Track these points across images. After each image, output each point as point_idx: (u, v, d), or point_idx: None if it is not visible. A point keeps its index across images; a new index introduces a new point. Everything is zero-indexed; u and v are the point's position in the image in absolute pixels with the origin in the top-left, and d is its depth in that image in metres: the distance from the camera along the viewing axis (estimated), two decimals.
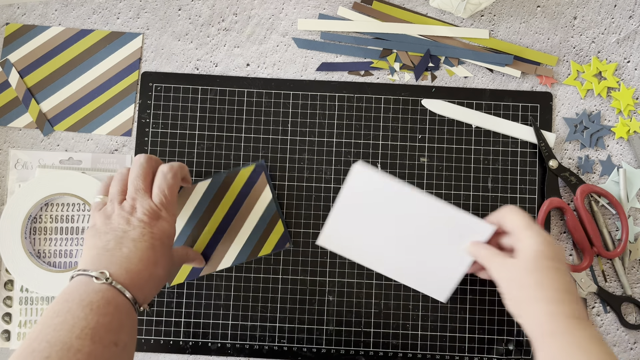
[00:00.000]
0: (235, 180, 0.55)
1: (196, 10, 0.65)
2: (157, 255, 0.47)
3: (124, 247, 0.46)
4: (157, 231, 0.48)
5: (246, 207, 0.57)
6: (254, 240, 0.59)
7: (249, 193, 0.56)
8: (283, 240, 0.59)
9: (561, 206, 0.59)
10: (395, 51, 0.64)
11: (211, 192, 0.54)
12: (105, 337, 0.41)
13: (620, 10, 0.64)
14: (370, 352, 0.59)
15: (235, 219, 0.57)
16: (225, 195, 0.55)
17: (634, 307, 0.60)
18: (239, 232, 0.58)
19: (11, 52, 0.64)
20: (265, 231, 0.59)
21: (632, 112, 0.62)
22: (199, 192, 0.54)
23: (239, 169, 0.54)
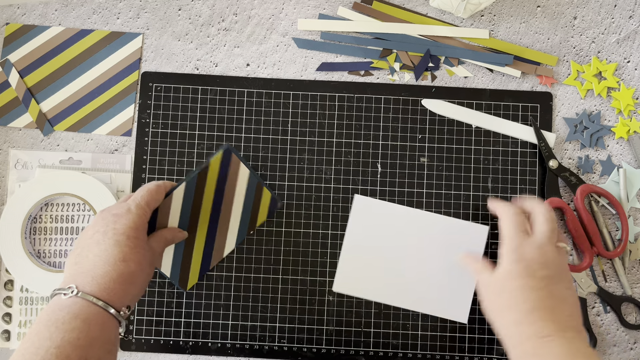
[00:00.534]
0: (209, 173, 0.54)
1: (196, 10, 0.65)
2: (124, 251, 0.46)
3: (90, 253, 0.45)
4: (120, 226, 0.46)
5: (229, 191, 0.57)
6: (247, 216, 0.59)
7: (227, 178, 0.56)
8: (273, 203, 0.60)
9: (561, 206, 0.59)
10: (395, 51, 0.64)
11: (190, 194, 0.54)
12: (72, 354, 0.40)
13: (620, 10, 0.64)
14: (370, 352, 0.59)
15: (223, 207, 0.57)
16: (205, 191, 0.55)
17: (634, 307, 0.60)
18: (231, 216, 0.58)
19: (11, 52, 0.64)
20: (254, 202, 0.59)
21: (632, 112, 0.62)
22: (178, 199, 0.53)
23: (209, 162, 0.54)
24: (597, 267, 0.60)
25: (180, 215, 0.55)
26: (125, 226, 0.47)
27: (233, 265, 0.60)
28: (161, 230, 0.53)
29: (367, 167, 0.61)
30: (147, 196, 0.49)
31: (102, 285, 0.44)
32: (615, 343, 0.59)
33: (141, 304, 0.60)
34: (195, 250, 0.58)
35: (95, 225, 0.47)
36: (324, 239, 0.60)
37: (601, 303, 0.60)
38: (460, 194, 0.61)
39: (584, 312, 0.59)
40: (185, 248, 0.57)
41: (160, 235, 0.53)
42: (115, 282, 0.44)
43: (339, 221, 0.61)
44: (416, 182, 0.61)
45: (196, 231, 0.57)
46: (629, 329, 0.59)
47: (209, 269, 0.60)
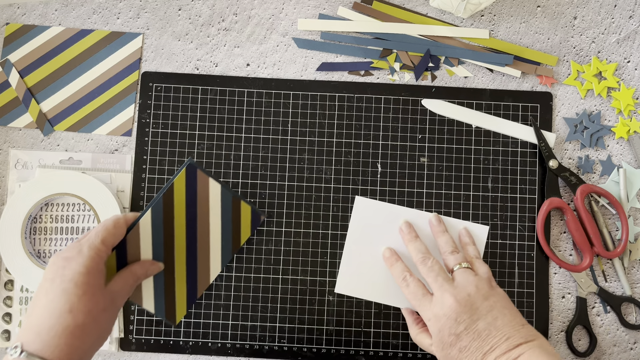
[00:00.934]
0: (174, 194, 0.51)
1: (196, 10, 0.65)
2: (71, 301, 0.42)
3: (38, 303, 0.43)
4: (68, 272, 0.43)
5: (202, 211, 0.54)
6: (228, 235, 0.57)
7: (196, 197, 0.53)
8: (255, 217, 0.58)
9: (561, 206, 0.59)
10: (395, 51, 0.64)
11: (158, 220, 0.51)
12: None
13: (620, 10, 0.64)
14: (370, 352, 0.59)
15: (199, 228, 0.55)
16: (174, 214, 0.52)
17: (634, 307, 0.60)
18: (210, 237, 0.56)
19: (11, 52, 0.64)
20: (234, 219, 0.56)
21: (632, 112, 0.62)
22: (146, 228, 0.51)
23: (172, 182, 0.51)
24: (597, 267, 0.60)
25: (152, 245, 0.52)
26: (74, 272, 0.43)
27: (233, 265, 0.60)
28: (129, 267, 0.50)
29: (367, 167, 0.61)
30: (103, 233, 0.47)
31: (47, 342, 0.40)
32: (615, 343, 0.59)
33: None
34: (177, 280, 0.56)
35: (46, 271, 0.44)
36: (324, 239, 0.60)
37: (601, 303, 0.60)
38: (460, 194, 0.61)
39: (584, 312, 0.59)
40: (166, 279, 0.55)
41: (128, 273, 0.50)
42: (61, 337, 0.41)
43: (339, 221, 0.61)
44: (416, 182, 0.61)
45: (174, 259, 0.54)
46: (629, 329, 0.59)
47: (198, 298, 0.58)
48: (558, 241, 0.61)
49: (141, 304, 0.55)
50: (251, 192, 0.61)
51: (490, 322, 0.48)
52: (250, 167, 0.61)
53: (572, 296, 0.60)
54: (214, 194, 0.54)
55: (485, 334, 0.48)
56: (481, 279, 0.52)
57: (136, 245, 0.51)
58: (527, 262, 0.60)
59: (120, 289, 0.48)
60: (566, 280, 0.60)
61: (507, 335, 0.47)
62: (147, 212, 0.51)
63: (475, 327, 0.48)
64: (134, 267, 0.50)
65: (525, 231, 0.60)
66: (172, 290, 0.56)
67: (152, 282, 0.54)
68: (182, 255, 0.55)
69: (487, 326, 0.48)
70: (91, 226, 0.61)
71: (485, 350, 0.47)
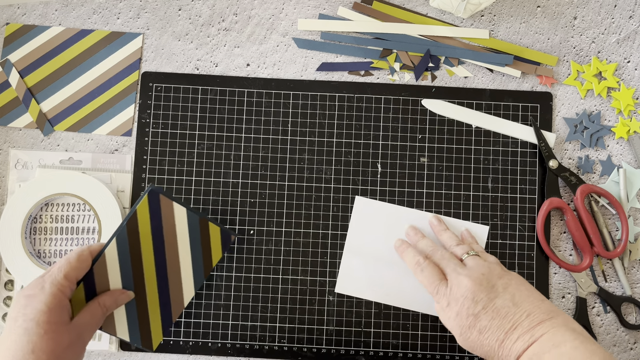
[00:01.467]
0: (138, 221, 0.51)
1: (196, 10, 0.65)
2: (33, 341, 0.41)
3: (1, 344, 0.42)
4: (30, 311, 0.42)
5: (169, 235, 0.53)
6: (199, 257, 0.56)
7: (162, 222, 0.52)
8: (225, 236, 0.57)
9: (561, 206, 0.59)
10: (395, 51, 0.64)
11: (124, 248, 0.51)
12: None
13: (620, 10, 0.64)
14: (370, 352, 0.59)
15: (168, 253, 0.54)
16: (141, 241, 0.52)
17: (634, 307, 0.60)
18: (180, 261, 0.55)
19: (11, 52, 0.64)
20: (203, 242, 0.56)
21: (632, 112, 0.62)
22: (112, 257, 0.50)
23: (134, 209, 0.51)
24: (597, 267, 0.60)
25: (121, 274, 0.52)
26: (35, 310, 0.42)
27: (233, 265, 0.60)
28: (97, 298, 0.50)
29: (367, 167, 0.61)
30: (66, 268, 0.46)
31: None
32: (615, 343, 0.59)
33: None
34: (150, 307, 0.55)
35: (10, 310, 0.44)
36: (324, 239, 0.60)
37: (601, 303, 0.60)
38: (460, 194, 0.61)
39: (584, 312, 0.59)
40: (138, 307, 0.54)
41: (95, 305, 0.49)
42: None
43: (339, 221, 0.61)
44: (416, 182, 0.61)
45: (145, 286, 0.54)
46: (629, 329, 0.59)
47: (173, 323, 0.57)
48: (558, 241, 0.61)
49: (115, 334, 0.54)
50: (251, 192, 0.61)
51: (508, 299, 0.47)
52: (250, 167, 0.61)
53: (572, 296, 0.60)
54: (180, 217, 0.54)
55: (504, 311, 0.46)
56: (492, 262, 0.52)
57: (104, 275, 0.51)
58: (527, 262, 0.60)
59: (88, 322, 0.47)
60: (566, 280, 0.60)
61: (528, 311, 0.46)
62: (111, 241, 0.51)
63: (493, 305, 0.47)
64: (102, 297, 0.50)
65: (525, 231, 0.60)
66: (146, 318, 0.55)
67: (124, 310, 0.54)
68: (153, 282, 0.54)
69: (506, 303, 0.47)
70: (91, 226, 0.61)
71: (507, 329, 0.45)
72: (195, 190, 0.61)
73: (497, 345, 0.46)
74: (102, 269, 0.51)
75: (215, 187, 0.61)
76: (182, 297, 0.56)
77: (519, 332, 0.45)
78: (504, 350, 0.45)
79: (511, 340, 0.45)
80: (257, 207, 0.61)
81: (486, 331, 0.46)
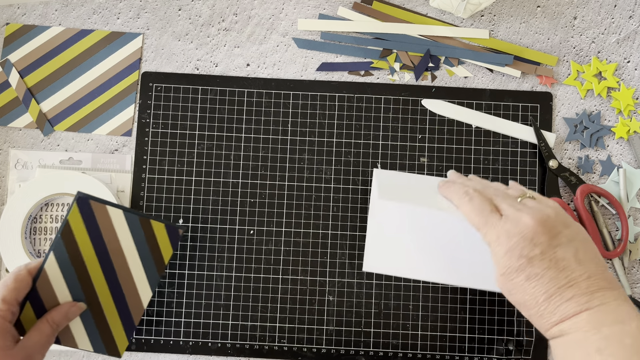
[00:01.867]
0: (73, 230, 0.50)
1: (196, 10, 0.65)
2: None
3: None
4: None
5: (110, 240, 0.52)
6: (148, 257, 0.54)
7: (99, 227, 0.51)
8: (172, 231, 0.55)
9: (561, 206, 0.59)
10: (395, 51, 0.64)
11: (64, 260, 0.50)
12: None
13: (620, 10, 0.64)
14: (370, 352, 0.59)
15: (113, 257, 0.53)
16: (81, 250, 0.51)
17: None
18: (128, 263, 0.54)
19: (11, 52, 0.64)
20: (149, 241, 0.54)
21: (632, 112, 0.62)
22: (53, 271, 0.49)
23: (66, 220, 0.50)
24: None
25: (68, 287, 0.51)
26: None
27: (233, 265, 0.60)
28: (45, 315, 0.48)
29: (367, 167, 0.61)
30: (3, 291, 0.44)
31: None
32: None
33: None
34: (107, 313, 0.54)
35: None
36: (324, 239, 0.60)
37: None
38: None
39: None
40: (95, 316, 0.53)
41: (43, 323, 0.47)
42: None
43: (339, 221, 0.61)
44: None
45: (97, 294, 0.53)
46: None
47: (136, 325, 0.56)
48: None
49: (77, 346, 0.53)
50: (251, 192, 0.61)
51: (571, 252, 0.40)
52: (250, 167, 0.61)
53: None
54: (118, 220, 0.52)
55: (563, 264, 0.40)
56: (555, 208, 0.43)
57: (49, 290, 0.50)
58: None
59: (36, 342, 0.46)
60: None
61: (590, 273, 0.40)
62: (49, 255, 0.50)
63: (553, 253, 0.40)
64: (51, 314, 0.48)
65: None
66: (106, 325, 0.54)
67: (80, 322, 0.53)
68: (104, 289, 0.53)
69: (568, 256, 0.40)
70: None
71: (561, 284, 0.39)
72: (195, 190, 0.61)
73: (542, 298, 0.40)
74: (46, 285, 0.50)
75: (215, 187, 0.61)
76: (139, 299, 0.55)
77: (574, 292, 0.39)
78: (550, 306, 0.40)
79: (562, 298, 0.39)
80: (257, 207, 0.61)
81: (535, 279, 0.40)
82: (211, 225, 0.61)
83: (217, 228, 0.61)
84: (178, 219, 0.61)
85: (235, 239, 0.60)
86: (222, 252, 0.60)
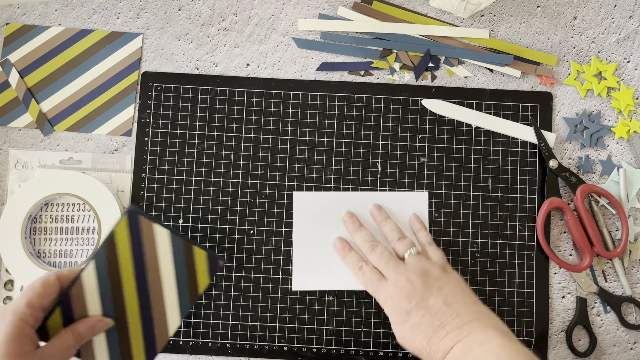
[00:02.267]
0: (117, 243, 0.48)
1: (196, 10, 0.65)
2: None
3: None
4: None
5: (150, 259, 0.50)
6: (184, 284, 0.51)
7: (142, 245, 0.49)
8: (212, 262, 0.52)
9: (561, 206, 0.59)
10: (395, 51, 0.64)
11: (103, 272, 0.48)
12: None
13: (620, 10, 0.64)
14: (370, 352, 0.59)
15: (150, 278, 0.50)
16: (120, 265, 0.48)
17: (634, 307, 0.60)
18: (163, 287, 0.51)
19: (11, 52, 0.64)
20: (188, 267, 0.51)
21: (632, 112, 0.62)
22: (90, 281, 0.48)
23: (112, 232, 0.48)
24: (597, 267, 0.60)
25: (100, 300, 0.49)
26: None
27: (233, 265, 0.60)
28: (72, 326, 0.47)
29: (367, 167, 0.61)
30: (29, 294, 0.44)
31: None
32: (615, 343, 0.59)
33: None
34: (132, 336, 0.51)
35: None
36: None
37: (601, 303, 0.60)
38: (460, 194, 0.61)
39: (584, 312, 0.59)
40: (120, 335, 0.50)
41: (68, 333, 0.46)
42: None
43: None
44: (416, 182, 0.61)
45: (126, 314, 0.50)
46: (629, 329, 0.59)
47: (157, 353, 0.52)
48: (558, 241, 0.61)
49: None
50: (251, 192, 0.61)
51: (441, 299, 0.49)
52: (250, 167, 0.61)
53: (572, 296, 0.60)
54: (162, 240, 0.50)
55: (435, 309, 0.48)
56: (434, 263, 0.53)
57: (81, 300, 0.48)
58: (527, 262, 0.60)
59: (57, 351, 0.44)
60: (566, 280, 0.60)
61: (458, 311, 0.48)
62: (90, 264, 0.48)
63: (426, 303, 0.49)
64: (78, 325, 0.47)
65: (525, 231, 0.60)
66: (128, 347, 0.51)
67: (104, 338, 0.50)
68: (134, 308, 0.50)
69: (438, 302, 0.49)
70: (91, 226, 0.61)
71: (435, 326, 0.47)
72: (195, 190, 0.61)
73: (425, 342, 0.48)
74: (79, 293, 0.48)
75: (215, 187, 0.61)
76: (166, 325, 0.51)
77: (447, 330, 0.47)
78: (432, 347, 0.47)
79: (439, 337, 0.47)
80: (257, 207, 0.61)
81: (417, 327, 0.48)
82: (211, 225, 0.61)
83: (217, 228, 0.60)
84: (178, 219, 0.61)
85: (235, 239, 0.60)
86: (222, 252, 0.60)
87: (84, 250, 0.61)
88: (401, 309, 0.50)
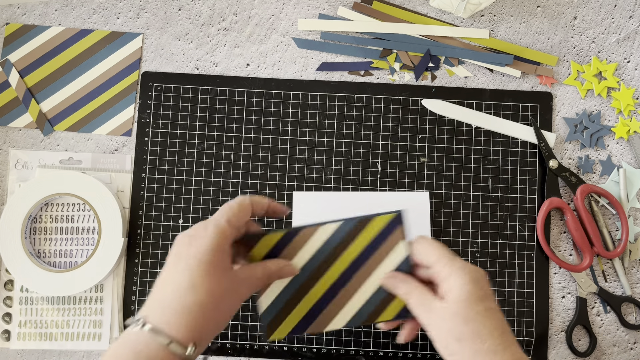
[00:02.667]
0: (366, 228, 0.46)
1: (196, 10, 0.65)
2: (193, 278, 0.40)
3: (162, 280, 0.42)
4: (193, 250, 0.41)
5: (373, 262, 0.47)
6: (374, 302, 0.48)
7: (379, 246, 0.47)
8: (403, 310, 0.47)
9: (561, 206, 0.59)
10: (395, 51, 0.64)
11: (336, 238, 0.46)
12: None
13: (620, 10, 0.64)
14: (370, 352, 0.59)
15: (357, 275, 0.47)
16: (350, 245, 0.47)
17: (634, 307, 0.60)
18: (359, 291, 0.48)
19: (11, 52, 0.64)
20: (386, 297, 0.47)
21: (632, 112, 0.62)
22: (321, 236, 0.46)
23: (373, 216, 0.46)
24: (597, 267, 0.60)
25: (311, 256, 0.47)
26: (198, 249, 0.41)
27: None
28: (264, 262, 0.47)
29: (367, 167, 0.61)
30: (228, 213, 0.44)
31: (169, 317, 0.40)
32: (615, 343, 0.59)
33: (141, 304, 0.60)
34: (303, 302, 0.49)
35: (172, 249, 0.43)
36: None
37: (601, 303, 0.60)
38: (460, 194, 0.61)
39: (584, 312, 0.59)
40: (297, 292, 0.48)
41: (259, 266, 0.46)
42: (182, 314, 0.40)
43: None
44: (416, 182, 0.61)
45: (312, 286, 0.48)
46: (629, 329, 0.59)
47: (302, 333, 0.49)
48: (558, 241, 0.61)
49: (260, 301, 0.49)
50: (251, 192, 0.61)
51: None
52: (250, 167, 0.61)
53: (572, 296, 0.60)
54: (395, 256, 0.47)
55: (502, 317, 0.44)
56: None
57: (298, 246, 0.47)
58: (527, 262, 0.60)
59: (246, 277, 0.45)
60: (566, 280, 0.60)
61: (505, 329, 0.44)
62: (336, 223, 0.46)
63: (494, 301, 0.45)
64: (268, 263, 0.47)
65: (525, 231, 0.60)
66: (292, 307, 0.49)
67: (281, 287, 0.48)
68: (321, 289, 0.48)
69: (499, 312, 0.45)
70: (91, 226, 0.61)
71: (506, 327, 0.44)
72: (195, 190, 0.61)
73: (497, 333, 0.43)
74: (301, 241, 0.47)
75: (215, 187, 0.61)
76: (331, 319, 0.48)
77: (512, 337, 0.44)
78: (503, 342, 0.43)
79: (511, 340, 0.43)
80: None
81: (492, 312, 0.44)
82: None
83: None
84: (178, 219, 0.61)
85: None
86: None
87: (84, 250, 0.61)
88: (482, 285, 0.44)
